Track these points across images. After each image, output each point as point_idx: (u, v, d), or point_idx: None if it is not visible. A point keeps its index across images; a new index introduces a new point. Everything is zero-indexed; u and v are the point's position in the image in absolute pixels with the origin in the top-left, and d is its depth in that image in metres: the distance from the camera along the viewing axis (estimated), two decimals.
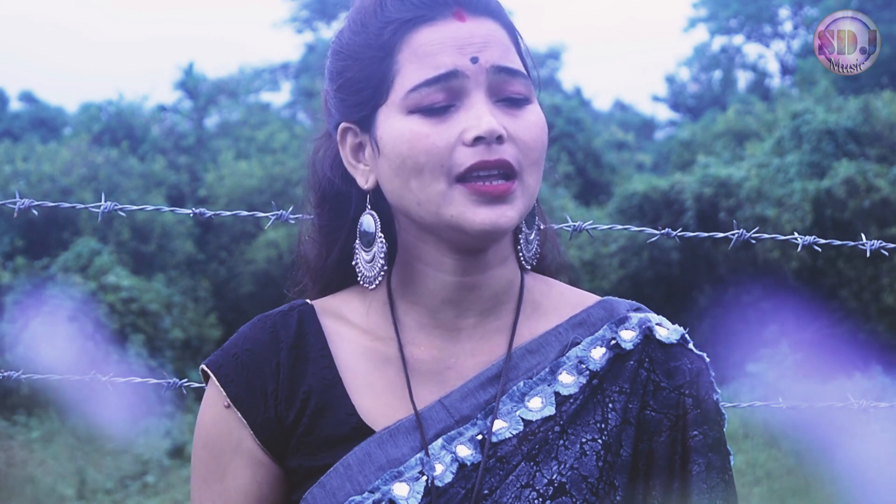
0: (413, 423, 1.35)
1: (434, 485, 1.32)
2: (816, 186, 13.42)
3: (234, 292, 15.89)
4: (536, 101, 1.39)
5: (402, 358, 1.38)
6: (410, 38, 1.35)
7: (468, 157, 1.31)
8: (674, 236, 2.32)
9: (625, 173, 20.38)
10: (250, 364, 1.38)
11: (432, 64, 1.33)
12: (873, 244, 2.33)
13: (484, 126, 1.30)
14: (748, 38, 29.75)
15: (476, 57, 1.33)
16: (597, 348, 1.40)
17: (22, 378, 2.39)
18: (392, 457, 1.33)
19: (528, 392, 1.37)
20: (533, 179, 1.35)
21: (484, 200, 1.31)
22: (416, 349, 1.39)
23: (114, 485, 9.29)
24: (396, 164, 1.34)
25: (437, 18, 1.35)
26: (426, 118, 1.33)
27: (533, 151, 1.34)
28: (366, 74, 1.37)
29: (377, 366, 1.39)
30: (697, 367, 1.41)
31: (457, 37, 1.34)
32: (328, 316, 1.42)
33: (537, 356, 1.40)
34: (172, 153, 18.62)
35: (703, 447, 1.38)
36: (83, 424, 10.49)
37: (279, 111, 25.24)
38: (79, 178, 15.23)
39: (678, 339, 1.41)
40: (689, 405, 1.39)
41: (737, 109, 19.97)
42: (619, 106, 34.14)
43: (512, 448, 1.34)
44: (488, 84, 1.33)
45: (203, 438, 1.43)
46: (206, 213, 2.33)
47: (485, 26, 1.35)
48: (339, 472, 1.33)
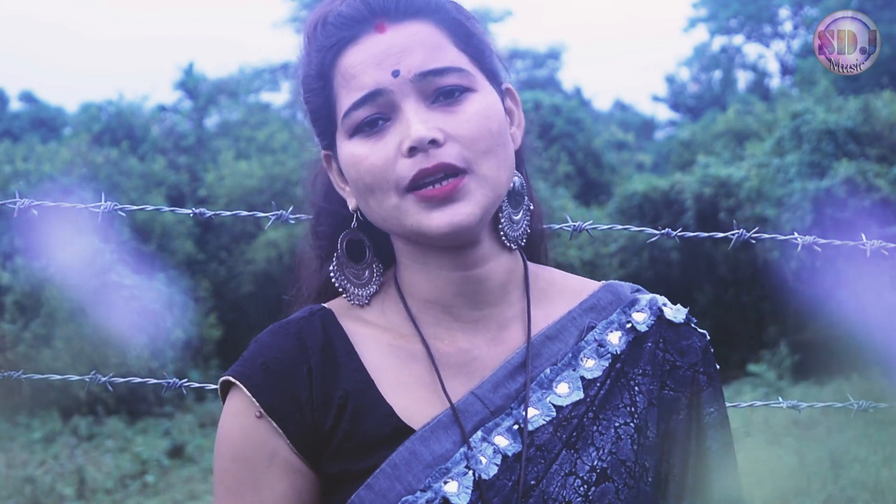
0: (450, 418, 1.35)
1: (481, 478, 1.32)
2: (816, 186, 13.42)
3: (234, 292, 15.88)
4: (488, 86, 1.37)
5: (429, 353, 1.38)
6: (339, 62, 1.36)
7: (409, 168, 1.31)
8: (674, 236, 2.32)
9: (625, 173, 20.37)
10: (280, 372, 1.37)
11: (357, 86, 1.33)
12: (873, 244, 2.33)
13: (413, 135, 1.30)
14: (748, 38, 29.75)
15: (397, 70, 1.33)
16: (613, 332, 1.42)
17: (22, 378, 2.39)
18: (437, 453, 1.33)
19: (554, 378, 1.38)
20: (488, 167, 1.33)
21: (433, 204, 1.32)
22: (439, 343, 1.40)
23: (114, 485, 9.29)
24: (355, 188, 1.37)
25: (359, 36, 1.35)
26: (365, 139, 1.34)
27: (478, 142, 1.33)
28: (317, 105, 1.39)
29: (405, 363, 1.39)
30: (704, 344, 1.44)
31: (375, 52, 1.34)
32: (347, 318, 1.42)
33: (557, 342, 1.41)
34: (172, 153, 18.61)
35: (717, 423, 1.42)
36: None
37: (279, 111, 25.22)
38: (79, 178, 15.22)
39: (685, 318, 1.44)
40: (704, 382, 1.42)
41: (737, 109, 19.96)
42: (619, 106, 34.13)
43: (549, 436, 1.35)
44: (416, 91, 1.33)
45: (232, 451, 1.38)
46: (206, 213, 2.33)
47: (406, 31, 1.35)
48: (386, 473, 1.33)
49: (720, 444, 1.41)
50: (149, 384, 2.46)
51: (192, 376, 12.44)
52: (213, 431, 12.82)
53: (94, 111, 18.97)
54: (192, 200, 17.04)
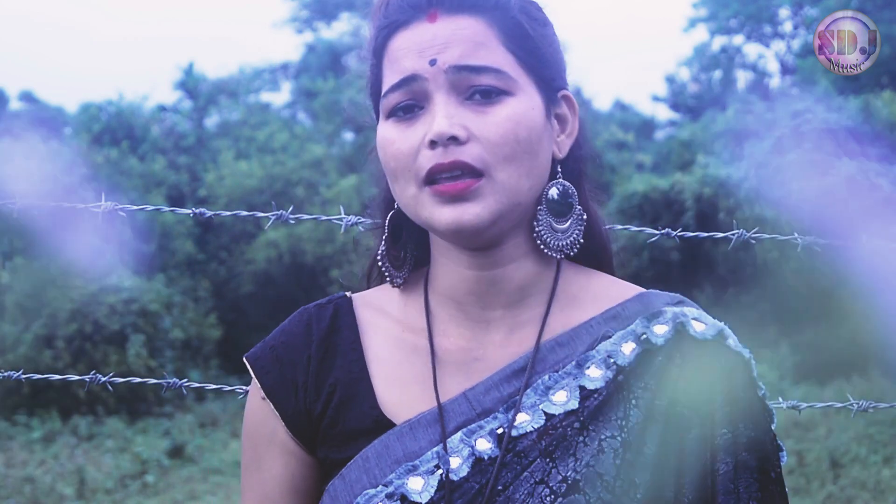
0: (435, 416, 1.35)
1: (449, 478, 1.32)
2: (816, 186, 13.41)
3: (234, 292, 15.87)
4: (530, 91, 1.36)
5: (431, 348, 1.39)
6: (389, 43, 1.37)
7: (427, 160, 1.32)
8: (674, 236, 2.32)
9: (625, 173, 20.35)
10: (284, 356, 1.41)
11: (398, 69, 1.35)
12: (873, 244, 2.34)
13: (435, 128, 1.31)
14: (748, 38, 29.73)
15: (434, 59, 1.33)
16: (627, 343, 1.38)
17: (22, 378, 2.39)
18: (409, 450, 1.34)
19: (552, 385, 1.36)
20: (507, 175, 1.32)
21: (445, 200, 1.32)
22: (445, 340, 1.40)
23: (114, 484, 9.29)
24: (384, 169, 1.38)
25: (411, 22, 1.36)
26: (397, 123, 1.35)
27: (501, 147, 1.32)
28: (371, 80, 1.42)
29: (406, 356, 1.40)
30: (733, 363, 1.37)
31: (420, 40, 1.35)
32: (366, 307, 1.45)
33: (566, 349, 1.39)
34: (172, 153, 18.60)
35: (732, 446, 1.34)
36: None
37: (279, 111, 25.21)
38: (79, 177, 15.22)
39: (714, 335, 1.37)
40: (720, 402, 1.35)
41: (737, 109, 19.95)
42: (619, 106, 34.11)
43: (530, 443, 1.33)
44: (450, 84, 1.33)
45: (246, 428, 1.45)
46: (206, 213, 2.33)
47: (454, 24, 1.35)
48: (357, 465, 1.34)
49: (728, 467, 1.34)
50: (149, 384, 2.47)
51: (192, 376, 12.44)
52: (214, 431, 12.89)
53: (94, 111, 18.96)
54: (192, 200, 17.04)
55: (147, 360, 12.17)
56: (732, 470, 1.34)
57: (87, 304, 12.13)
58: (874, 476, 8.54)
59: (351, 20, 29.68)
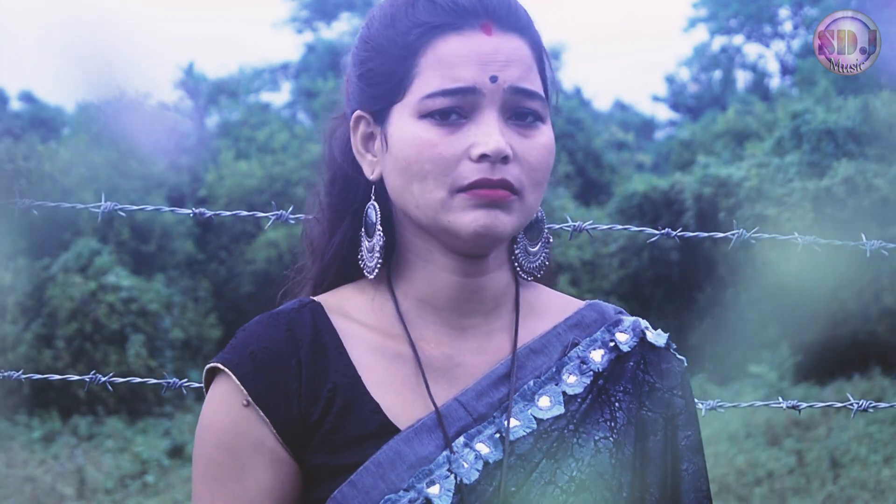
0: (434, 421, 1.36)
1: (462, 482, 1.33)
2: (816, 186, 13.42)
3: (234, 292, 15.88)
4: (549, 122, 1.40)
5: (416, 355, 1.39)
6: (436, 43, 1.35)
7: (472, 172, 1.32)
8: (674, 236, 2.32)
9: (625, 173, 20.37)
10: (269, 362, 1.37)
11: (452, 75, 1.34)
12: (873, 244, 2.34)
13: (492, 145, 1.32)
14: (748, 38, 29.75)
15: (496, 76, 1.34)
16: (596, 350, 1.43)
17: (22, 378, 2.39)
18: (420, 455, 1.34)
19: (537, 391, 1.39)
20: (533, 198, 1.37)
21: (480, 204, 1.33)
22: (426, 346, 1.40)
23: (114, 484, 9.29)
24: (402, 166, 1.36)
25: (464, 28, 1.35)
26: (437, 126, 1.34)
27: (537, 173, 1.36)
28: (387, 69, 1.38)
29: (391, 362, 1.39)
30: (683, 369, 1.47)
31: (480, 51, 1.34)
32: (336, 314, 1.42)
33: (542, 356, 1.42)
34: (172, 153, 18.61)
35: (693, 448, 1.44)
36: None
37: (279, 111, 25.23)
38: (79, 177, 15.22)
39: (665, 343, 1.47)
40: (681, 406, 1.44)
41: (737, 109, 19.97)
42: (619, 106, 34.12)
43: (530, 446, 1.36)
44: (503, 103, 1.34)
45: (216, 439, 1.38)
46: (206, 213, 2.33)
47: (510, 43, 1.36)
48: (370, 471, 1.33)
49: (695, 467, 1.43)
50: (149, 384, 2.46)
51: (192, 376, 12.43)
52: None
53: (93, 111, 18.96)
54: (193, 201, 17.04)
55: (147, 360, 12.18)
56: (696, 471, 1.43)
57: (87, 303, 12.14)
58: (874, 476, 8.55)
59: (351, 20, 29.71)
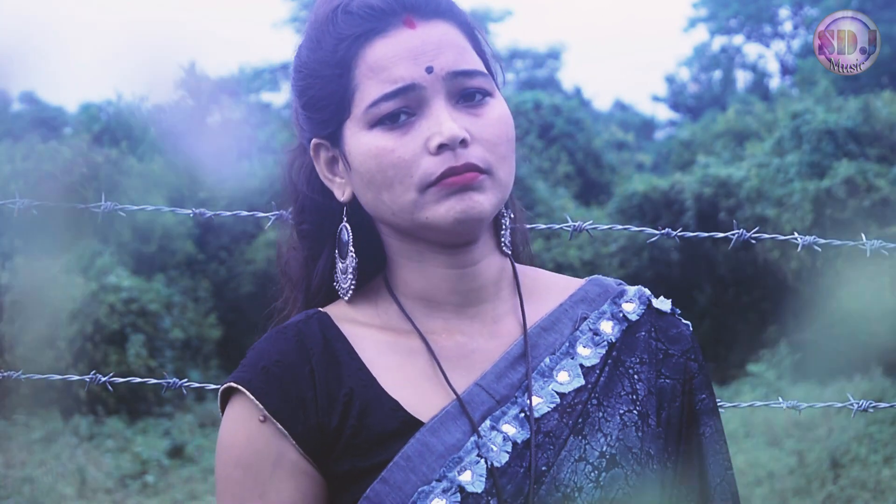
0: (458, 409, 1.36)
1: (493, 466, 1.34)
2: (816, 186, 13.42)
3: (234, 292, 15.88)
4: (498, 94, 1.40)
5: (428, 347, 1.40)
6: (364, 52, 1.35)
7: (436, 165, 1.33)
8: (674, 236, 2.32)
9: (625, 173, 20.36)
10: (282, 375, 1.37)
11: (388, 78, 1.34)
12: (873, 244, 2.34)
13: (447, 133, 1.32)
14: (748, 38, 29.74)
15: (430, 66, 1.34)
16: (606, 322, 1.44)
17: (22, 378, 2.39)
18: (448, 444, 1.34)
19: (554, 367, 1.40)
20: (503, 172, 1.37)
21: (452, 192, 1.33)
22: (437, 338, 1.41)
23: (114, 484, 9.29)
24: (367, 179, 1.36)
25: (388, 29, 1.35)
26: (389, 131, 1.34)
27: (499, 147, 1.36)
28: (327, 92, 1.38)
29: (405, 359, 1.40)
30: (691, 332, 1.48)
31: (409, 47, 1.34)
32: (342, 321, 1.43)
33: (553, 333, 1.43)
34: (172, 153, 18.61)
35: (709, 410, 1.44)
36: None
37: (279, 111, 25.22)
38: (79, 177, 15.22)
39: (670, 308, 1.48)
40: (695, 369, 1.45)
41: (737, 109, 19.95)
42: (619, 106, 34.12)
43: (555, 422, 1.37)
44: (446, 90, 1.34)
45: (235, 458, 1.37)
46: (206, 213, 2.33)
47: (437, 30, 1.36)
48: (400, 466, 1.34)
49: (713, 430, 1.44)
50: (149, 384, 2.46)
51: (192, 376, 12.44)
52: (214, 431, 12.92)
53: (94, 111, 18.97)
54: (193, 201, 17.04)
55: (147, 360, 12.18)
56: (715, 433, 1.44)
57: (88, 303, 12.14)
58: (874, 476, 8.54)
59: None
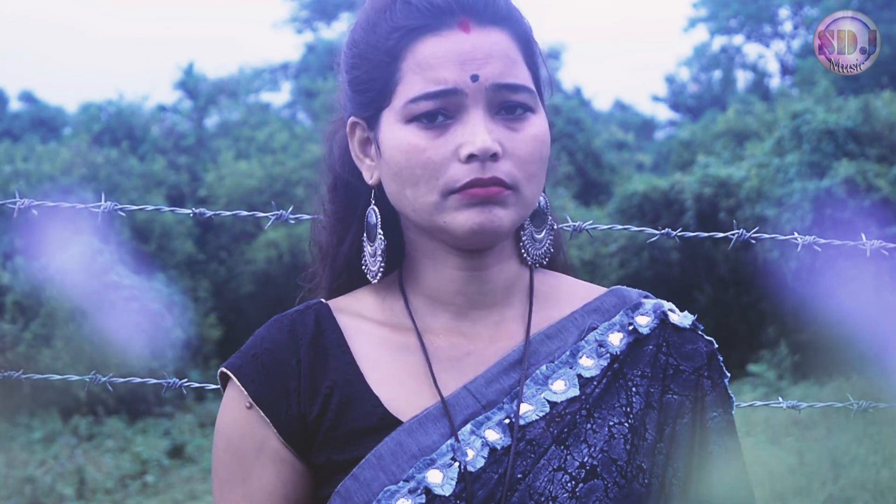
0: (440, 411, 1.36)
1: (467, 470, 1.33)
2: (816, 186, 13.42)
3: (234, 292, 15.88)
4: (542, 109, 1.39)
5: (422, 345, 1.39)
6: (415, 47, 1.35)
7: (463, 174, 1.33)
8: (674, 236, 2.32)
9: (625, 173, 20.36)
10: (270, 363, 1.39)
11: (433, 78, 1.33)
12: (873, 244, 2.33)
13: (479, 144, 1.31)
14: (748, 38, 29.72)
15: (476, 75, 1.33)
16: (614, 333, 1.42)
17: (22, 378, 2.39)
18: (423, 445, 1.34)
19: (550, 375, 1.39)
20: (530, 191, 1.36)
21: (473, 203, 1.33)
22: (434, 337, 1.41)
23: (114, 484, 9.29)
24: (394, 171, 1.36)
25: (441, 28, 1.35)
26: (424, 130, 1.34)
27: (530, 165, 1.35)
28: (372, 76, 1.38)
29: (397, 355, 1.40)
30: (710, 350, 1.45)
31: (459, 51, 1.34)
32: (343, 313, 1.43)
33: (556, 341, 1.42)
34: (172, 153, 18.61)
35: (720, 429, 1.42)
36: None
37: (279, 111, 25.23)
38: (79, 177, 15.22)
39: (690, 324, 1.45)
40: (708, 387, 1.42)
41: (737, 109, 19.95)
42: (619, 106, 34.12)
43: (540, 431, 1.36)
44: (487, 100, 1.34)
45: (225, 441, 1.41)
46: (206, 213, 2.33)
47: (490, 38, 1.35)
48: (371, 464, 1.34)
49: (723, 448, 1.41)
50: (149, 384, 2.46)
51: (192, 376, 12.44)
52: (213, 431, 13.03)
53: (94, 111, 18.98)
54: (192, 200, 17.04)
55: (147, 360, 12.17)
56: (725, 452, 1.41)
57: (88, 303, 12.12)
58: (874, 476, 8.54)
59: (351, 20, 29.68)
